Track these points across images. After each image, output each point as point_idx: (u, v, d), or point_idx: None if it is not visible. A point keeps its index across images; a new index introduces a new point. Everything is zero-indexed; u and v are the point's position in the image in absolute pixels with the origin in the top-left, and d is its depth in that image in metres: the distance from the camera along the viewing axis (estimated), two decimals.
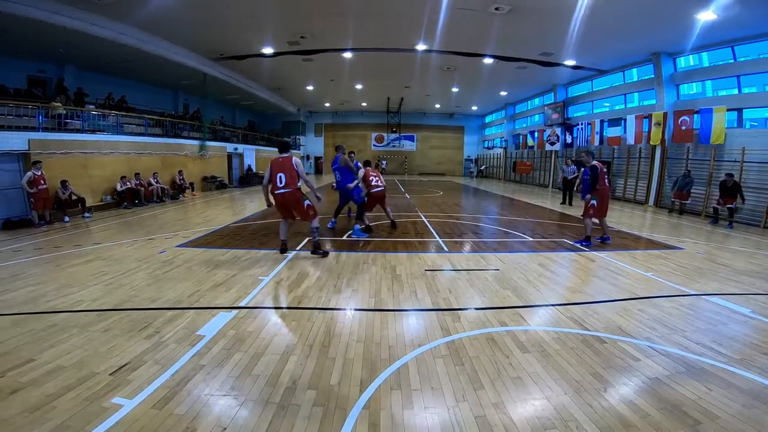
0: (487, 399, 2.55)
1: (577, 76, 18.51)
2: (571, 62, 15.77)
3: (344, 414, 2.38)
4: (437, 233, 8.09)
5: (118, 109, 14.55)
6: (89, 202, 10.94)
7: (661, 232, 8.99)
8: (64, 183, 10.16)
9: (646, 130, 14.15)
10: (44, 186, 9.40)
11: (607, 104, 18.45)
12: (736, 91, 12.05)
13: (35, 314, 3.87)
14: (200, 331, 3.46)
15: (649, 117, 14.02)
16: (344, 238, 7.56)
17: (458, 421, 2.33)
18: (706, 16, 9.91)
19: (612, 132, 16.33)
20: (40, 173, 9.31)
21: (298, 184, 5.79)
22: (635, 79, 16.13)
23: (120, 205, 12.24)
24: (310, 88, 23.83)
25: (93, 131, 12.53)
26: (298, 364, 2.94)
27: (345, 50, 15.18)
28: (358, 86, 23.51)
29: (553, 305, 4.25)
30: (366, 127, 34.86)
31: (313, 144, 35.60)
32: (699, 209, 11.85)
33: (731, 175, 10.07)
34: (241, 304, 4.11)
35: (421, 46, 14.41)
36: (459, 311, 4.03)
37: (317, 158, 35.88)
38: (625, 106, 16.92)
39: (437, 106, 31.13)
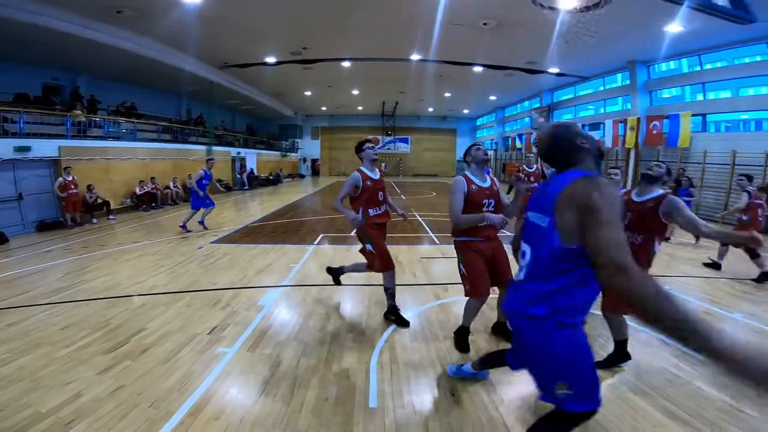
0: None
1: (561, 82, 19.78)
2: (554, 69, 17.00)
3: (372, 346, 3.51)
4: (431, 229, 9.21)
5: (129, 116, 15.44)
6: (111, 205, 11.83)
7: None
8: (90, 187, 11.07)
9: (622, 133, 15.40)
10: (75, 190, 10.26)
11: (591, 107, 19.71)
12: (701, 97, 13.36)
13: (122, 297, 4.69)
14: (260, 302, 4.53)
15: (624, 121, 15.29)
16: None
17: None
18: (673, 28, 10.94)
19: (593, 136, 17.51)
20: (71, 178, 10.16)
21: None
22: (619, 84, 17.28)
23: (138, 207, 13.19)
24: (308, 93, 24.84)
25: (110, 138, 13.34)
26: (337, 321, 4.07)
27: (344, 60, 16.24)
28: (355, 92, 24.55)
29: None
30: (361, 130, 35.43)
31: (310, 147, 36.60)
32: None
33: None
34: (284, 284, 5.20)
35: (415, 56, 15.49)
36: (447, 285, 5.14)
37: (314, 161, 36.89)
38: (605, 110, 18.21)
39: (430, 109, 32.25)
